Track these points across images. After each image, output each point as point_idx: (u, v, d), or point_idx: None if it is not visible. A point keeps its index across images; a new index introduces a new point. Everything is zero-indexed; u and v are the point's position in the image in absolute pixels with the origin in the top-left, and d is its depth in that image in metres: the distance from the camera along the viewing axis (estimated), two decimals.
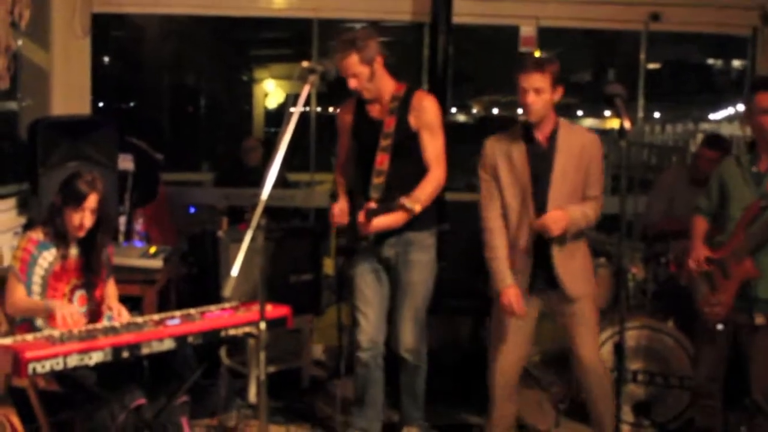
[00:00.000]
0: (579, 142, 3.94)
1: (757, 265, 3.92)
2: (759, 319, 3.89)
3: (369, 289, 4.25)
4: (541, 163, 3.91)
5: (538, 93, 3.77)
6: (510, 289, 3.91)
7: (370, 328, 4.23)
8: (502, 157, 3.95)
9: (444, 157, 4.15)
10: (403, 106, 4.11)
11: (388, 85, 4.15)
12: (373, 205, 3.99)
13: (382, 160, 4.06)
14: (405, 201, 3.71)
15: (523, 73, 3.79)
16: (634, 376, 4.77)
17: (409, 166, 4.10)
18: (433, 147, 4.11)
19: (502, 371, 4.10)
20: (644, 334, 4.78)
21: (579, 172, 3.91)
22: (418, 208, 3.74)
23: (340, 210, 4.18)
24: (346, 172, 4.38)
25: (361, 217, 4.01)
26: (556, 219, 3.79)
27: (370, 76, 4.05)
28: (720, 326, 4.02)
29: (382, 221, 4.02)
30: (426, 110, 4.11)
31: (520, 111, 3.94)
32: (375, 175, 4.07)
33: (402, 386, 4.39)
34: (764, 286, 3.91)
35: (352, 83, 4.05)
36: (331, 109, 9.55)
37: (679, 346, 4.72)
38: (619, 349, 3.50)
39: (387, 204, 3.90)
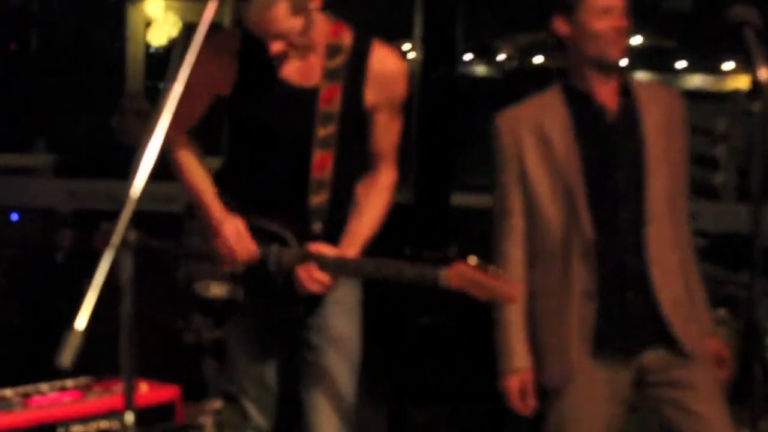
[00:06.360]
0: (665, 104, 3.04)
1: None
2: None
3: (250, 357, 3.40)
4: (607, 143, 2.95)
5: (626, 18, 2.86)
6: (516, 376, 3.08)
7: (252, 410, 3.38)
8: (531, 140, 3.08)
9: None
10: (352, 66, 2.94)
11: (322, 31, 2.93)
12: (326, 251, 2.89)
13: (324, 163, 2.98)
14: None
15: None
16: None
17: (355, 168, 3.13)
18: (392, 135, 3.12)
19: None
20: None
21: (677, 154, 3.03)
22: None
23: (238, 234, 2.92)
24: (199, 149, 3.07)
25: (314, 272, 2.83)
26: None
27: (303, 30, 2.88)
28: None
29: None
30: (395, 81, 3.02)
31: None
32: (313, 190, 2.99)
33: None
34: None
35: (276, 47, 2.89)
36: None
37: None
38: None
39: (361, 262, 2.92)
